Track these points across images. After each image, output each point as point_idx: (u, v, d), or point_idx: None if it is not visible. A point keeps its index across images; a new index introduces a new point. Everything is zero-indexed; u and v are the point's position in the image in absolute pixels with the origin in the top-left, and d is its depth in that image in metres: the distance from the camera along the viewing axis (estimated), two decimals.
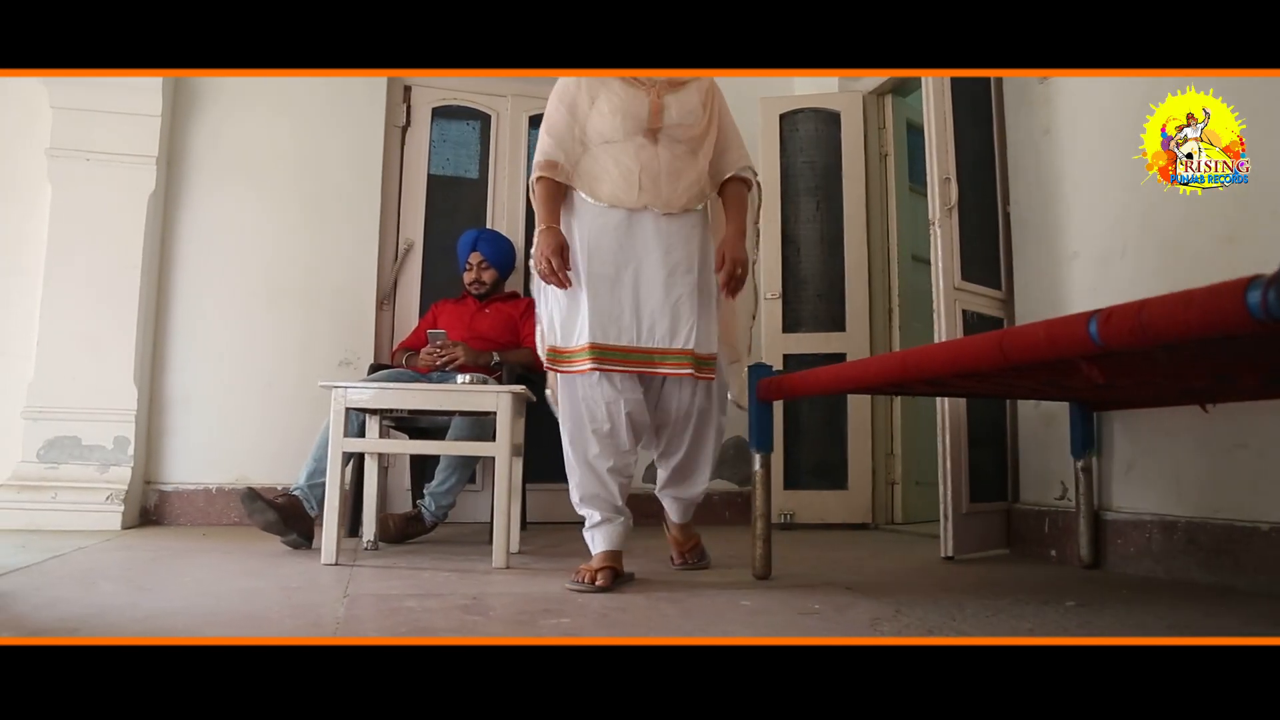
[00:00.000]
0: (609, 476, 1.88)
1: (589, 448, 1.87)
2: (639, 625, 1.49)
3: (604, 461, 1.87)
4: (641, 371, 1.85)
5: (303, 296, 3.14)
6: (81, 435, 2.85)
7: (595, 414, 1.86)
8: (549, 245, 1.82)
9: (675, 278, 1.85)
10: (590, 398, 1.85)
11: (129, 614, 1.52)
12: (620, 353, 1.83)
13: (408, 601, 1.65)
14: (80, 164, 2.91)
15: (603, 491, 1.89)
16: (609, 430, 1.86)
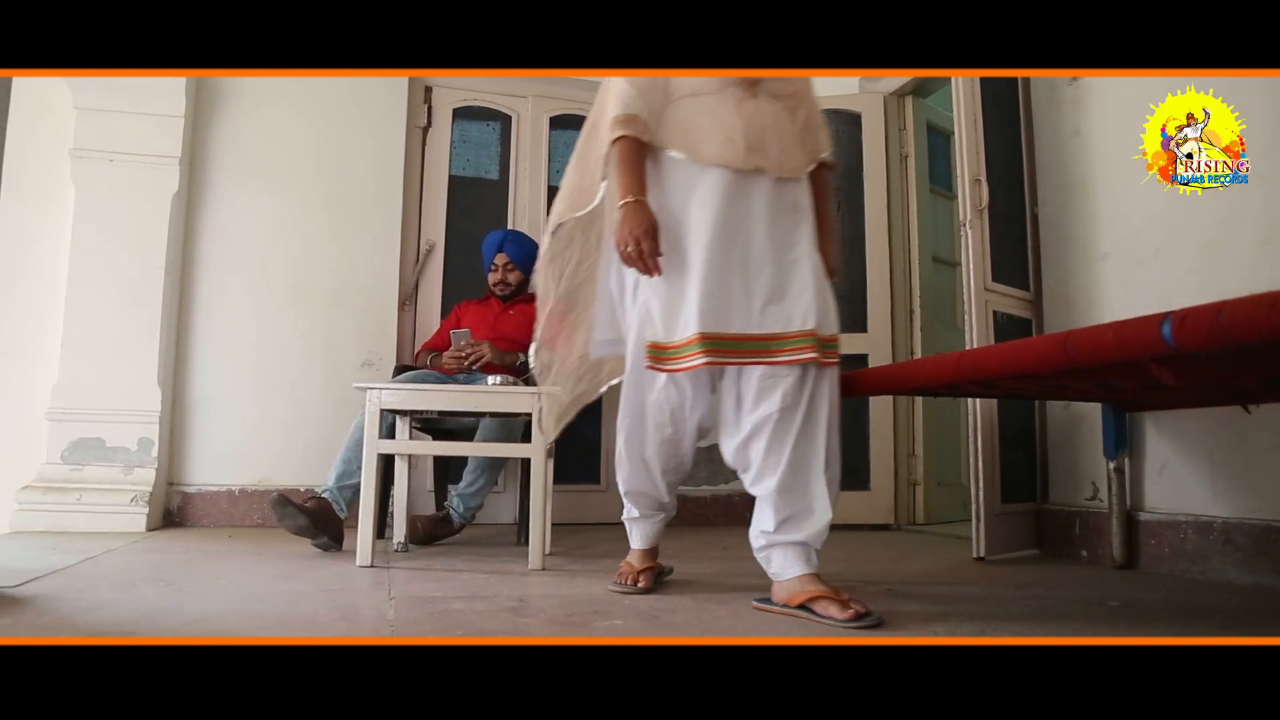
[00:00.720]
0: (660, 478, 1.78)
1: (645, 446, 1.73)
2: (691, 627, 1.49)
3: (658, 463, 1.75)
4: (757, 362, 1.55)
5: (325, 297, 3.14)
6: (105, 437, 2.84)
7: (659, 417, 1.69)
8: (639, 224, 1.52)
9: (787, 251, 1.58)
10: (658, 401, 1.68)
11: (177, 617, 1.52)
12: (732, 341, 1.53)
13: (455, 604, 1.65)
14: (104, 165, 2.90)
15: (651, 490, 1.81)
16: (670, 435, 1.71)
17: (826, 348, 1.58)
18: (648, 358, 1.61)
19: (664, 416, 1.68)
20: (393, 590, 1.78)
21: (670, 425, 1.69)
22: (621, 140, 1.58)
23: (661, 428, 1.70)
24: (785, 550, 1.59)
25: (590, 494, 3.33)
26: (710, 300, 1.52)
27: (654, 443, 1.72)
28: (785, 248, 1.58)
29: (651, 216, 1.54)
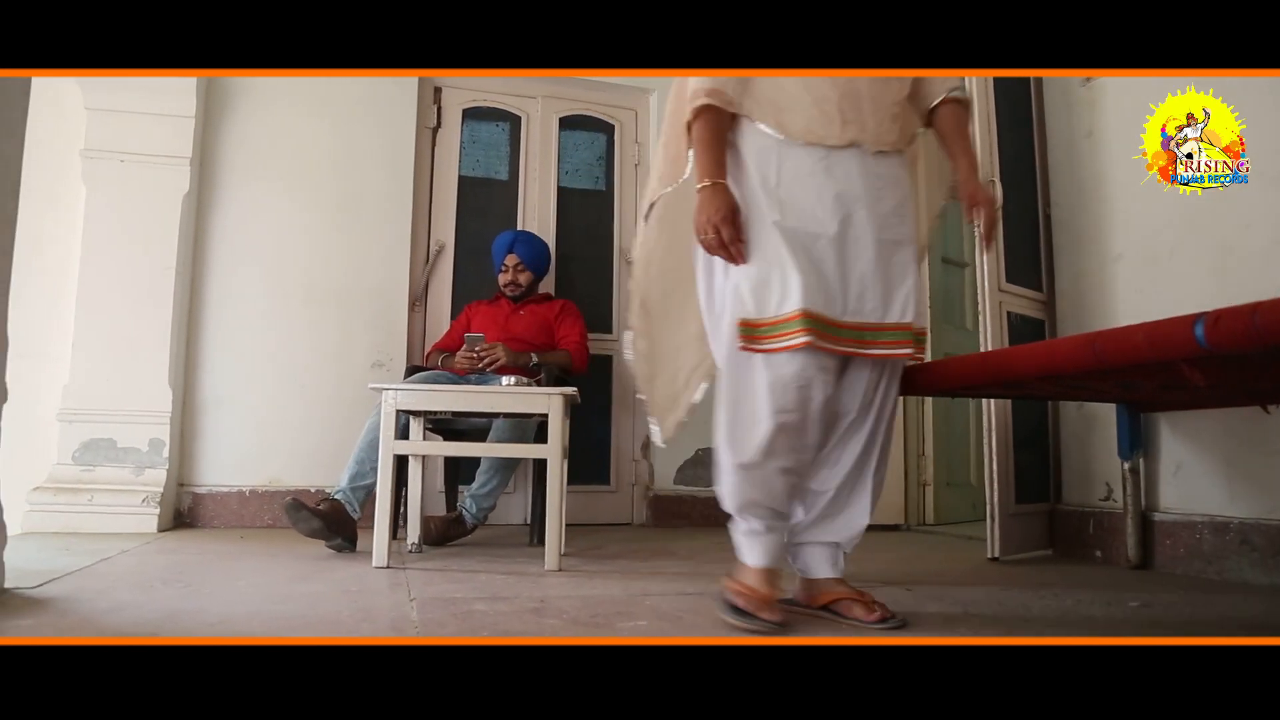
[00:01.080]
0: (780, 479, 1.43)
1: (760, 441, 1.40)
2: (716, 627, 1.49)
3: (779, 460, 1.40)
4: (850, 352, 1.40)
5: (335, 298, 3.13)
6: (117, 437, 2.83)
7: (784, 398, 1.38)
8: (717, 210, 1.38)
9: (888, 233, 1.43)
10: (782, 378, 1.37)
11: (200, 619, 1.52)
12: (832, 326, 1.38)
13: (476, 605, 1.64)
14: (114, 165, 2.89)
15: (767, 497, 1.45)
16: (797, 421, 1.39)
17: (920, 343, 1.46)
18: (740, 337, 1.40)
19: (790, 396, 1.37)
20: (412, 591, 1.78)
21: (798, 408, 1.38)
22: (703, 114, 1.44)
23: (788, 410, 1.38)
24: (815, 550, 1.53)
25: (600, 494, 3.33)
26: (809, 277, 1.36)
27: (773, 435, 1.39)
28: (885, 228, 1.43)
29: (730, 200, 1.40)
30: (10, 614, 1.50)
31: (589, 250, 3.48)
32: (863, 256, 1.41)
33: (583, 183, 3.52)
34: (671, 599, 1.74)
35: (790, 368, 1.36)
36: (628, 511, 3.38)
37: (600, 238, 3.50)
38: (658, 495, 3.36)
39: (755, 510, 1.47)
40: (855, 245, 1.40)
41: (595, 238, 3.49)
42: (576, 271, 3.44)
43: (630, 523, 3.37)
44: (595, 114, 3.53)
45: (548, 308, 3.01)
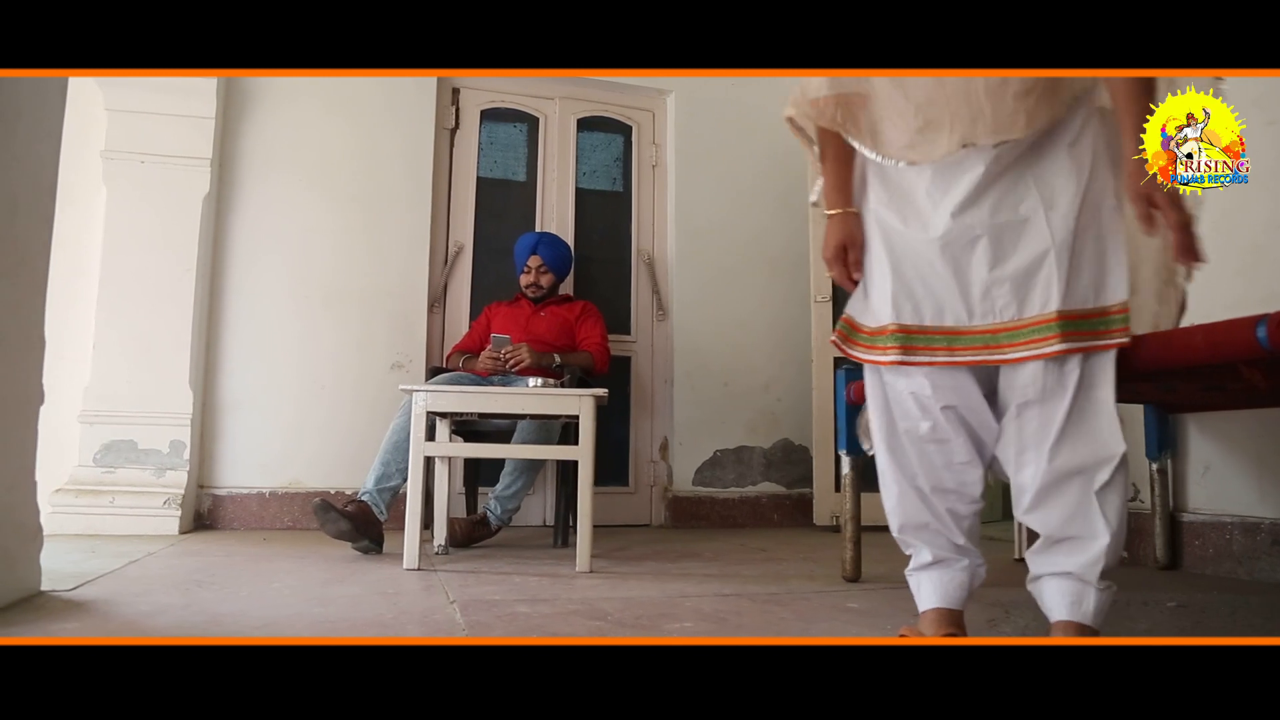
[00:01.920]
0: (934, 499, 1.28)
1: (904, 456, 1.29)
2: (760, 628, 1.49)
3: (923, 479, 1.27)
4: (973, 362, 1.23)
5: (355, 299, 3.13)
6: (138, 439, 2.82)
7: (904, 409, 1.27)
8: (838, 241, 1.30)
9: (1032, 225, 1.21)
10: (893, 385, 1.28)
11: (244, 621, 1.51)
12: (942, 336, 1.24)
13: (519, 607, 1.64)
14: (135, 166, 2.88)
15: (930, 519, 1.28)
16: (928, 431, 1.25)
17: (1084, 327, 1.18)
18: (836, 332, 1.33)
19: (908, 405, 1.27)
20: (450, 594, 1.77)
21: (923, 416, 1.26)
22: (821, 133, 1.34)
23: (912, 420, 1.27)
24: (1049, 583, 1.22)
25: (619, 496, 3.33)
26: (904, 284, 1.26)
27: (910, 450, 1.28)
28: (1039, 218, 1.21)
29: (851, 231, 1.30)
30: (52, 616, 1.50)
31: (607, 252, 3.48)
32: (980, 242, 1.22)
33: (600, 184, 3.52)
34: (710, 600, 1.74)
35: (899, 375, 1.27)
36: (646, 513, 3.38)
37: (618, 239, 3.50)
38: (676, 496, 3.36)
39: (920, 534, 1.30)
40: (983, 247, 1.23)
41: (613, 239, 3.50)
42: (595, 273, 3.44)
43: (649, 524, 3.37)
44: (613, 115, 3.53)
45: (568, 309, 3.01)
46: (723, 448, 3.43)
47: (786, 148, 3.52)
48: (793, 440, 3.48)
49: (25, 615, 1.50)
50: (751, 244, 3.53)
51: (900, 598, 1.80)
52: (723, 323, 3.47)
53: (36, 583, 1.69)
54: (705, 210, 3.50)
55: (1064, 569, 1.20)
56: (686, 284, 3.46)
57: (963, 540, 1.28)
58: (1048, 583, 1.22)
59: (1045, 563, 1.22)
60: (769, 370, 3.49)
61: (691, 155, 3.51)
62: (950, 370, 1.24)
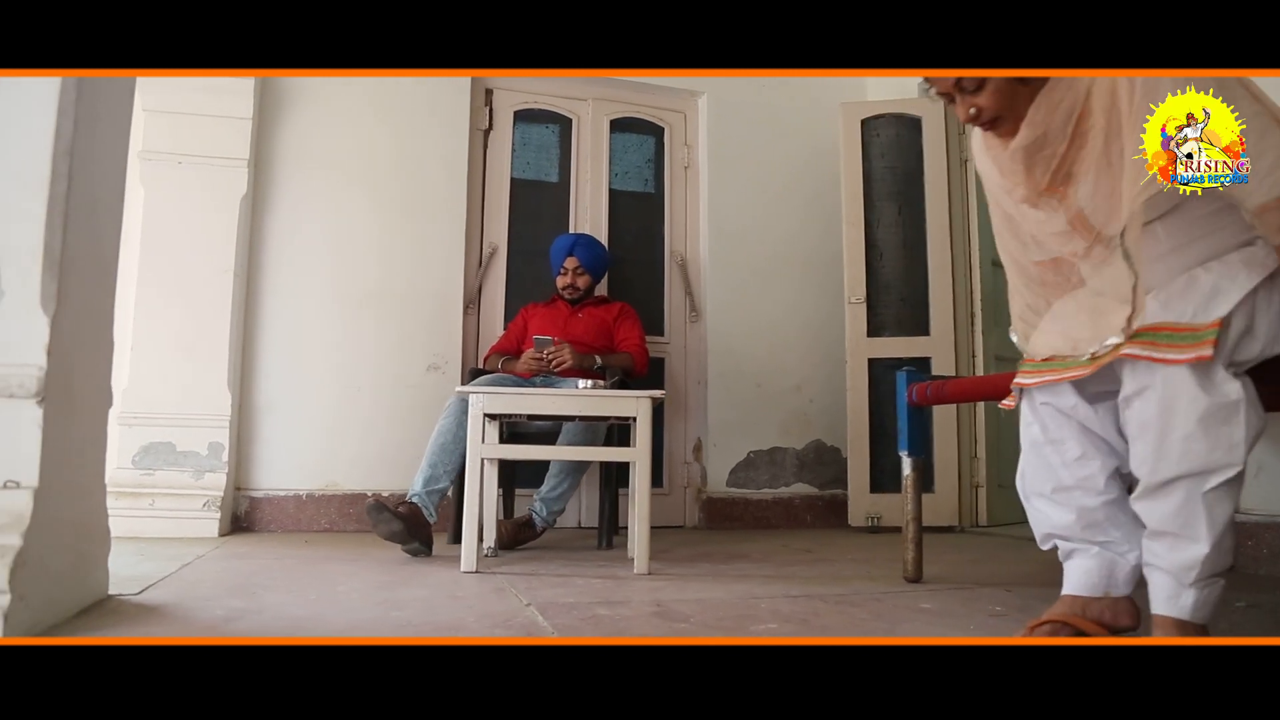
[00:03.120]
0: (1057, 500, 1.37)
1: (1026, 465, 1.42)
2: (845, 629, 1.49)
3: (1036, 484, 1.39)
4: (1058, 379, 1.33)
5: (391, 300, 3.12)
6: (176, 441, 2.80)
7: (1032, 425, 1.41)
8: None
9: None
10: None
11: (329, 624, 1.51)
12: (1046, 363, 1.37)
13: (598, 609, 1.64)
14: (172, 167, 2.87)
15: (1055, 525, 1.38)
16: (1039, 434, 1.38)
17: (1170, 339, 1.20)
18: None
19: (1028, 418, 1.43)
20: (521, 596, 1.77)
21: (1039, 429, 1.40)
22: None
23: (1032, 432, 1.41)
24: (1153, 576, 1.26)
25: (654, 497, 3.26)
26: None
27: (1030, 456, 1.41)
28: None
29: None
30: (129, 620, 1.49)
31: (639, 253, 3.48)
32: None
33: (633, 185, 3.52)
34: (782, 601, 1.74)
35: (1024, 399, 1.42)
36: (680, 514, 3.38)
37: (650, 240, 3.50)
38: (710, 498, 3.36)
39: (1054, 538, 1.39)
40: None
41: (645, 240, 3.49)
42: (628, 274, 3.44)
43: (683, 525, 3.37)
44: (645, 116, 3.53)
45: (606, 310, 3.00)
46: (756, 449, 3.43)
47: (818, 148, 3.53)
48: (825, 441, 3.49)
49: (104, 620, 1.48)
50: (783, 245, 3.53)
51: (971, 598, 1.81)
52: (755, 324, 3.47)
53: (105, 587, 1.68)
54: (737, 211, 3.51)
55: (1163, 564, 1.22)
56: (719, 285, 3.46)
57: (1102, 527, 1.33)
58: (1150, 573, 1.25)
59: (1149, 551, 1.25)
60: (801, 371, 3.49)
61: (723, 156, 3.51)
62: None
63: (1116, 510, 1.34)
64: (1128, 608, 1.36)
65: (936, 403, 1.98)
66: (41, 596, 1.35)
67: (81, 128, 1.43)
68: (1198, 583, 1.19)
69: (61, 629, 1.39)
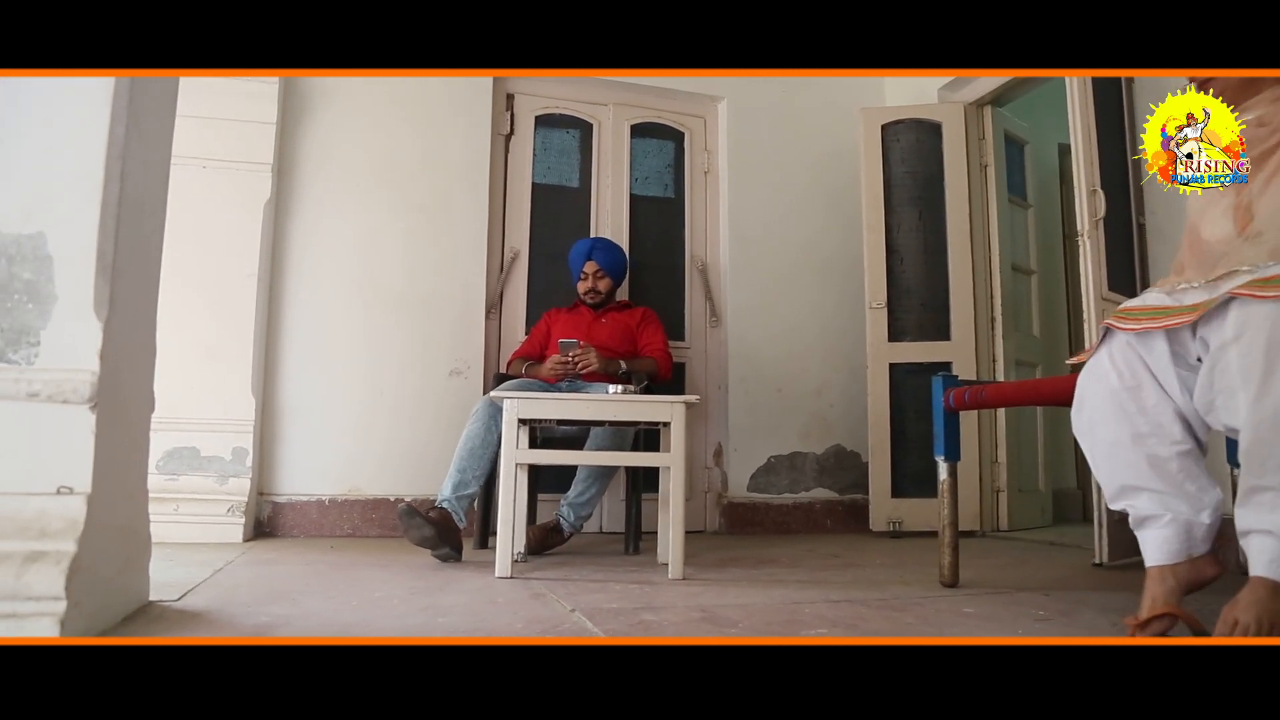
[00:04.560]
0: (1131, 449, 1.34)
1: (1096, 415, 1.40)
2: (895, 633, 1.49)
3: (1110, 432, 1.37)
4: (1155, 326, 1.33)
5: (414, 305, 3.11)
6: (200, 446, 2.80)
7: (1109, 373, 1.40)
8: None
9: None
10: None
11: (374, 628, 1.50)
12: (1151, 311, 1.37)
13: (643, 615, 1.63)
14: (197, 171, 2.86)
15: (1129, 475, 1.36)
16: (1116, 381, 1.36)
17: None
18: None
19: (1103, 364, 1.44)
20: (564, 602, 1.76)
21: (1115, 374, 1.40)
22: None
23: (1107, 379, 1.41)
24: (1250, 539, 1.24)
25: None
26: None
27: (1105, 404, 1.39)
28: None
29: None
30: (175, 626, 1.48)
31: (660, 258, 3.49)
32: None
33: (653, 190, 3.53)
34: (825, 606, 1.74)
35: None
36: (701, 519, 3.38)
37: (671, 245, 3.51)
38: (731, 503, 3.35)
39: (1128, 494, 1.38)
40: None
41: (666, 245, 3.50)
42: (648, 279, 3.44)
43: (704, 530, 3.36)
44: (665, 121, 3.53)
45: (629, 315, 3.00)
46: (776, 454, 3.43)
47: (838, 153, 3.54)
48: (845, 446, 3.49)
49: (150, 625, 1.48)
50: (804, 250, 3.54)
51: (1010, 602, 1.81)
52: (775, 329, 3.47)
53: (146, 593, 1.67)
54: (757, 216, 3.51)
55: (1264, 526, 1.20)
56: (739, 290, 3.47)
57: (1185, 486, 1.33)
58: (1249, 540, 1.23)
59: (1244, 517, 1.23)
60: (821, 376, 3.50)
61: (743, 161, 3.52)
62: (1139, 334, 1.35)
63: (1191, 463, 1.34)
64: (1210, 559, 1.38)
65: (975, 408, 1.98)
66: (93, 602, 1.35)
67: (132, 130, 1.43)
68: None
69: (111, 634, 1.38)
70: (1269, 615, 1.18)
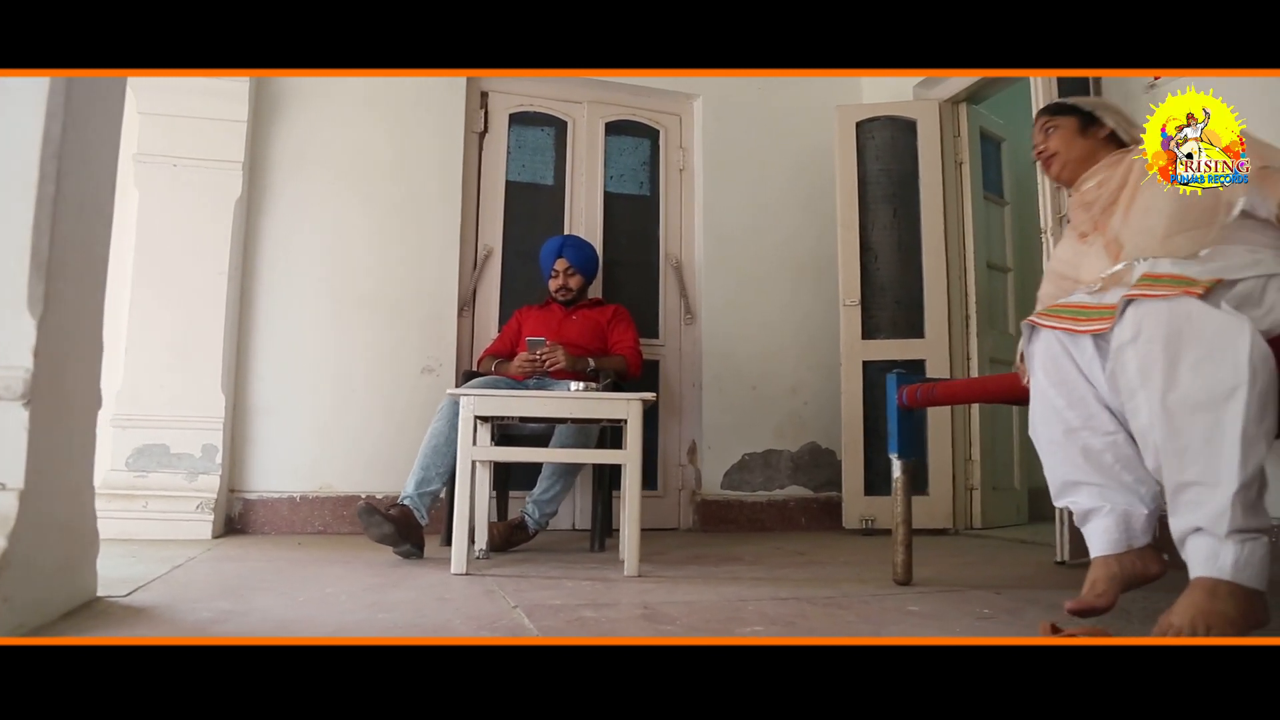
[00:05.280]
0: (1066, 444, 1.39)
1: (1035, 415, 1.44)
2: (830, 632, 1.49)
3: (1046, 431, 1.42)
4: (1079, 330, 1.37)
5: (386, 303, 3.12)
6: (170, 443, 2.81)
7: (1037, 372, 1.45)
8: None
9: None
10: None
11: (315, 625, 1.51)
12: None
13: (584, 611, 1.64)
14: (167, 169, 2.87)
15: (1068, 470, 1.40)
16: (1050, 382, 1.40)
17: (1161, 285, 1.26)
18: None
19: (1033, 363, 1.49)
20: (509, 599, 1.77)
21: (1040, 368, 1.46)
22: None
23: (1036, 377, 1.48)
24: (1188, 542, 1.20)
25: (648, 500, 3.30)
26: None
27: (1038, 409, 1.44)
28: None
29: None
30: (116, 622, 1.49)
31: (635, 255, 3.49)
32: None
33: (628, 188, 3.53)
34: (770, 604, 1.74)
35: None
36: (674, 516, 3.38)
37: (646, 243, 3.51)
38: (705, 500, 3.35)
39: (1070, 490, 1.41)
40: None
41: (641, 243, 3.50)
42: (623, 277, 3.44)
43: (677, 528, 3.37)
44: (640, 119, 3.53)
45: (600, 312, 3.00)
46: (751, 451, 3.43)
47: (815, 151, 3.53)
48: (820, 444, 3.48)
49: (90, 621, 1.49)
50: (779, 248, 3.53)
51: (960, 601, 1.80)
52: (750, 326, 3.47)
53: (93, 588, 1.68)
54: (733, 214, 3.51)
55: (1195, 523, 1.17)
56: (714, 288, 3.47)
57: (1121, 477, 1.35)
58: (1185, 544, 1.20)
59: (1177, 522, 1.20)
60: (796, 374, 3.49)
61: (719, 159, 3.52)
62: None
63: (1126, 452, 1.35)
64: (1153, 555, 1.39)
65: (927, 405, 1.98)
66: (27, 598, 1.35)
67: (70, 129, 1.44)
68: (1234, 535, 1.13)
69: (46, 630, 1.39)
70: (1204, 617, 1.14)
